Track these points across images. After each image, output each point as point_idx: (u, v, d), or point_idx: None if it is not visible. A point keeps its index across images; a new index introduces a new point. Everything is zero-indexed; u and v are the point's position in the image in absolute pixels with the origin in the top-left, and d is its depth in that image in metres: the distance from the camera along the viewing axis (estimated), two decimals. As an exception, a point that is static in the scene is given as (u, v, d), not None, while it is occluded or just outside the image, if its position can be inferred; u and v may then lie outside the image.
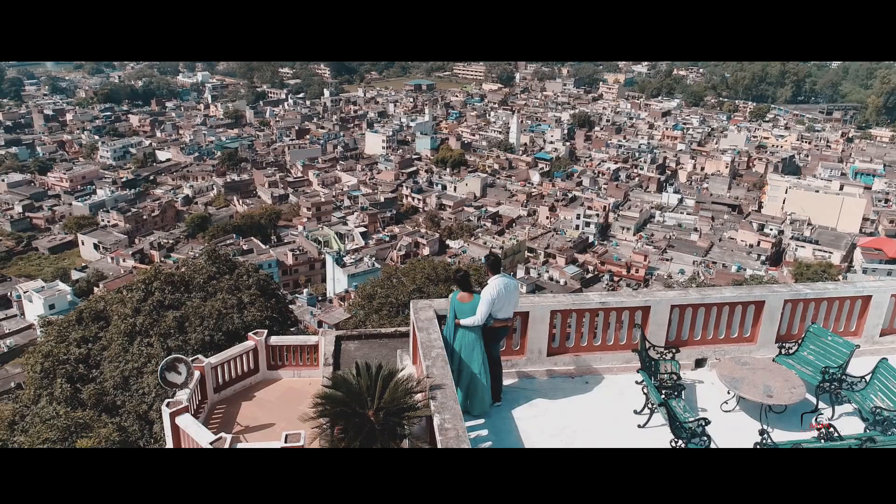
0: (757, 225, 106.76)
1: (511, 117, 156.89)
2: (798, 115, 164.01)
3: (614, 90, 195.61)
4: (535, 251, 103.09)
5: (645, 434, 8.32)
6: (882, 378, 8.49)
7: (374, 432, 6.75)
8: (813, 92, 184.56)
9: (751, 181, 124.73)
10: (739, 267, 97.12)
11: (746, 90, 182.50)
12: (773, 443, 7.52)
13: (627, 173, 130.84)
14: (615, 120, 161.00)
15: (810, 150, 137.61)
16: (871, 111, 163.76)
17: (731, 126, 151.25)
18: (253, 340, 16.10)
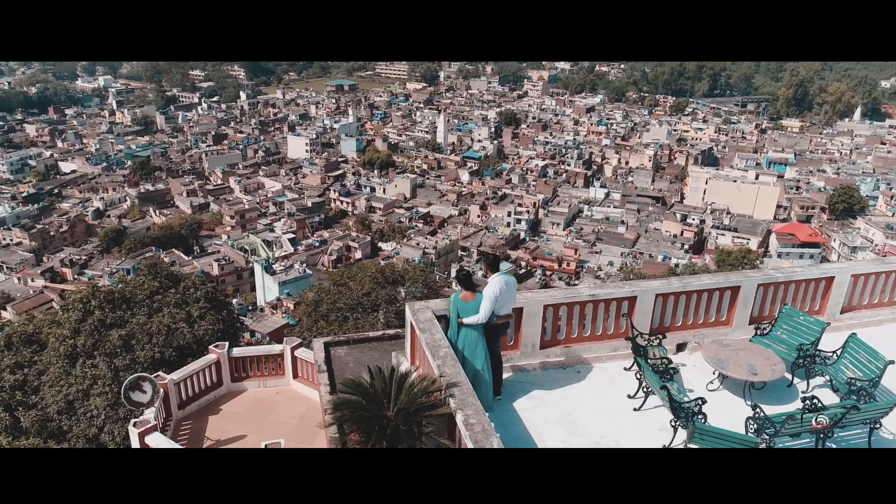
0: (680, 215, 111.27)
1: (437, 117, 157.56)
2: (715, 108, 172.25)
3: (539, 87, 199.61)
4: (468, 250, 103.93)
5: (641, 417, 8.51)
6: (852, 351, 8.99)
7: (398, 433, 6.62)
8: (728, 86, 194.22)
9: (673, 173, 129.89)
10: (665, 256, 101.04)
11: (666, 85, 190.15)
12: (765, 415, 7.85)
13: (555, 170, 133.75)
14: (541, 117, 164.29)
15: (727, 141, 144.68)
16: (782, 103, 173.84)
17: (652, 120, 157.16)
18: (215, 353, 15.52)
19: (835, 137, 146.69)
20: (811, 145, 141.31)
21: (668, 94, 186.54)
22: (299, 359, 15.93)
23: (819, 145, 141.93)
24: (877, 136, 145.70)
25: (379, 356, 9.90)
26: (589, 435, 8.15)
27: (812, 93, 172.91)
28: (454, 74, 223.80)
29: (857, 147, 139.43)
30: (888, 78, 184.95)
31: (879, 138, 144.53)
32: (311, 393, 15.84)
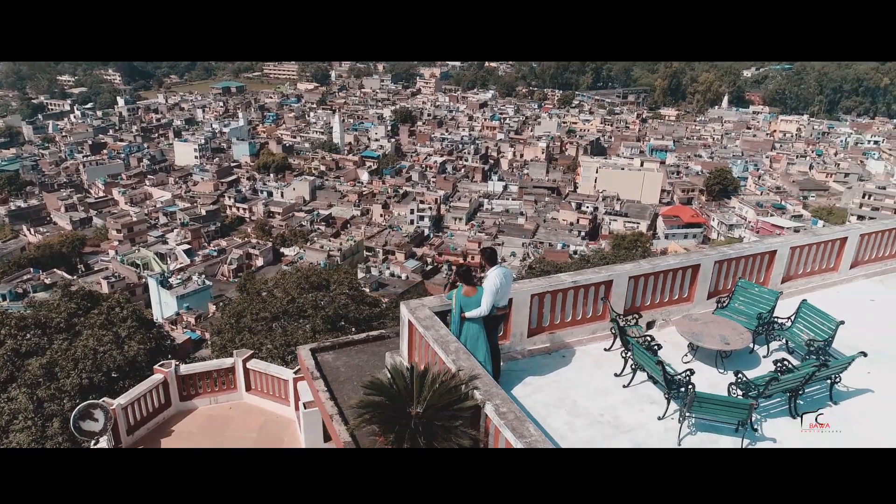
0: (575, 204, 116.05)
1: (332, 117, 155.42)
2: (599, 100, 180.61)
3: (431, 84, 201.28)
4: (373, 250, 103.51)
5: (631, 393, 9.01)
6: (805, 316, 9.95)
7: (429, 429, 6.66)
8: (609, 78, 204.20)
9: (565, 164, 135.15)
10: (564, 244, 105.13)
11: (553, 79, 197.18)
12: (747, 379, 8.58)
13: (453, 165, 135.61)
14: (436, 114, 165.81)
15: (613, 131, 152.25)
16: (659, 94, 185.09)
17: (543, 113, 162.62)
18: (162, 373, 14.76)
19: (707, 124, 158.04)
20: (687, 132, 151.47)
21: (555, 87, 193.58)
22: (252, 371, 15.45)
23: (694, 132, 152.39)
24: (743, 122, 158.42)
25: (367, 358, 9.84)
26: (589, 414, 8.54)
27: (685, 83, 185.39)
28: (346, 73, 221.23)
29: (727, 132, 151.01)
30: (749, 68, 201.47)
31: (745, 123, 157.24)
32: (266, 405, 15.41)
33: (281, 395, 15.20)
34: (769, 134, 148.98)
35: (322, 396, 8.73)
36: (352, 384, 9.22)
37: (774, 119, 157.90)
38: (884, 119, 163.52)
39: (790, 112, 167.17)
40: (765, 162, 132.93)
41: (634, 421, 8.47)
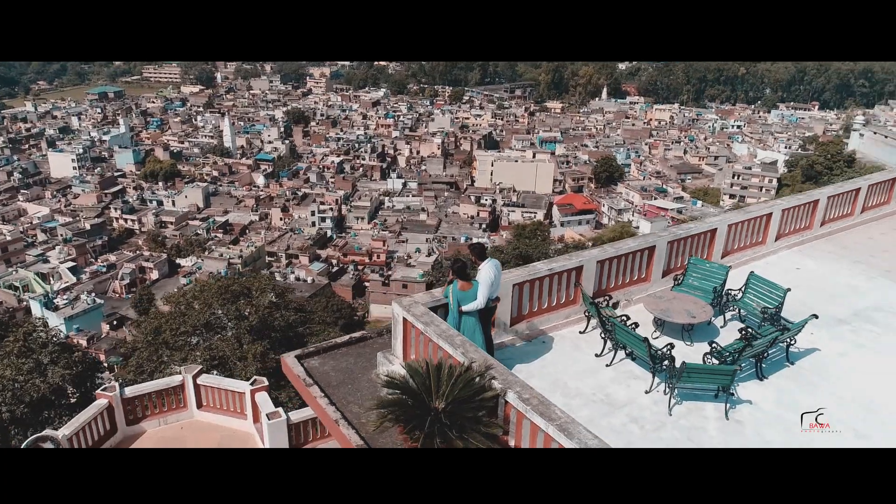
0: (474, 197, 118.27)
1: (221, 120, 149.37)
2: (488, 95, 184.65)
3: (322, 84, 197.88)
4: (276, 254, 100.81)
5: (614, 371, 9.56)
6: (754, 286, 10.93)
7: (453, 422, 6.79)
8: (496, 73, 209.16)
9: (461, 159, 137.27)
10: (467, 237, 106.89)
11: (442, 76, 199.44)
12: (722, 348, 9.35)
13: (351, 164, 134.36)
14: (329, 113, 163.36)
15: (504, 125, 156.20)
16: (543, 87, 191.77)
17: (435, 110, 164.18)
18: (105, 397, 13.91)
19: (590, 115, 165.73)
20: (573, 123, 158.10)
21: (445, 84, 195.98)
22: (203, 386, 14.85)
23: (579, 123, 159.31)
24: (622, 112, 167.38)
25: (355, 360, 9.77)
26: (583, 394, 9.00)
27: (566, 77, 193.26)
28: (232, 75, 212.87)
29: (609, 122, 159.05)
30: (622, 61, 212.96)
31: (624, 113, 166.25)
32: (221, 421, 14.86)
33: (236, 409, 14.72)
34: (646, 122, 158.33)
35: (321, 403, 8.62)
36: (346, 388, 9.16)
37: (650, 108, 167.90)
38: (743, 105, 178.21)
39: (663, 102, 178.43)
40: (644, 149, 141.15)
41: (625, 396, 9.01)
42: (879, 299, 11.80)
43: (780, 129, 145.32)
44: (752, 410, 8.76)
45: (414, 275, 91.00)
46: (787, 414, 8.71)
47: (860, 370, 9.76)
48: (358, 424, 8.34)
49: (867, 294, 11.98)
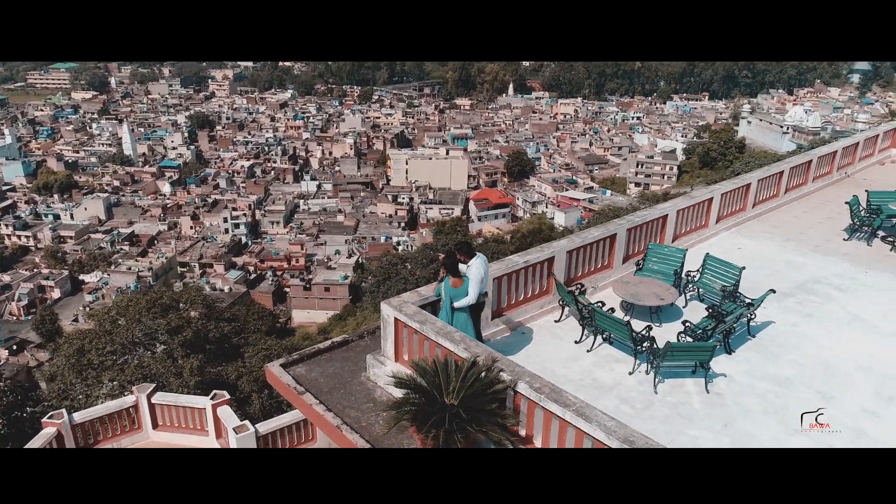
0: (391, 196, 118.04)
1: (119, 127, 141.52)
2: (397, 94, 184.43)
3: (225, 87, 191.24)
4: (188, 264, 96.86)
5: (595, 356, 9.93)
6: (710, 267, 11.62)
7: (475, 416, 6.87)
8: (404, 72, 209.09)
9: (374, 158, 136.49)
10: (387, 237, 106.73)
11: (350, 75, 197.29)
12: (695, 325, 9.91)
13: (262, 168, 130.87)
14: (235, 117, 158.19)
15: (415, 123, 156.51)
16: (451, 85, 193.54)
17: (345, 110, 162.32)
18: (53, 425, 13.06)
19: (498, 111, 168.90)
20: (482, 119, 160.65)
21: (353, 84, 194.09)
22: (159, 405, 14.18)
23: (488, 119, 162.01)
24: (529, 107, 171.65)
25: (341, 365, 9.62)
26: (571, 381, 9.29)
27: (473, 74, 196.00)
28: (127, 79, 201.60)
29: (517, 117, 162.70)
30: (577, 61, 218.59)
31: (531, 108, 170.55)
32: (179, 439, 14.24)
33: (196, 426, 14.15)
34: (552, 117, 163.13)
35: (319, 410, 8.48)
36: (339, 393, 9.04)
37: (555, 103, 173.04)
38: (641, 97, 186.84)
39: (566, 96, 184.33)
40: (552, 142, 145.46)
41: (611, 379, 9.39)
42: (815, 272, 12.83)
43: (675, 119, 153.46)
44: (728, 382, 9.35)
45: (336, 277, 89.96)
46: (758, 383, 9.37)
47: (812, 338, 10.60)
48: (359, 428, 8.27)
49: (803, 268, 13.00)
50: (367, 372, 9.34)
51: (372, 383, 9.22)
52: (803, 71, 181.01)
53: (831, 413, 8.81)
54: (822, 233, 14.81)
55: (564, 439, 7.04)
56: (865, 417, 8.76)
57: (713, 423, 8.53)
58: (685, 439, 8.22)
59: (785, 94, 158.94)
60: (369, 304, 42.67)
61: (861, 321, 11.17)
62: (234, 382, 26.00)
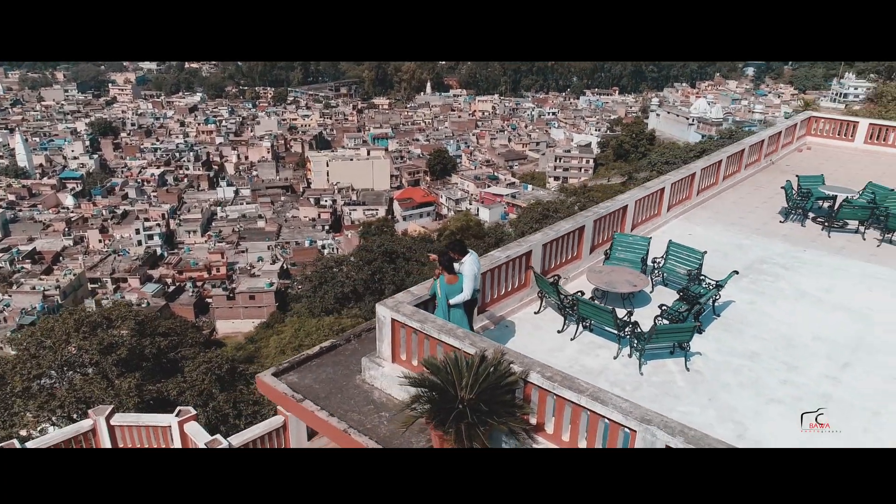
0: (313, 199, 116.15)
1: (11, 137, 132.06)
2: (313, 94, 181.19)
3: (128, 91, 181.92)
4: (99, 280, 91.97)
5: (579, 343, 10.28)
6: (674, 252, 12.24)
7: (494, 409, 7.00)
8: (319, 72, 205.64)
9: (293, 161, 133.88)
10: (311, 241, 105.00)
11: (262, 76, 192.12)
12: (671, 307, 10.44)
13: (174, 175, 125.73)
14: (141, 122, 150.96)
15: (333, 124, 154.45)
16: (369, 84, 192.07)
17: (259, 113, 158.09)
18: (10, 452, 12.13)
19: (417, 110, 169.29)
20: (402, 118, 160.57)
21: (265, 85, 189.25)
22: (120, 427, 13.48)
23: (408, 118, 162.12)
24: (447, 105, 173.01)
25: (333, 370, 9.49)
26: (561, 368, 9.54)
27: (390, 73, 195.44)
28: (17, 85, 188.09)
29: (436, 116, 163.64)
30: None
31: (450, 106, 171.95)
32: (143, 461, 13.58)
33: (160, 445, 13.56)
34: (471, 114, 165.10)
35: (321, 416, 8.39)
36: (336, 397, 8.96)
37: (473, 100, 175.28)
38: (555, 93, 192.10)
39: (483, 93, 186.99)
40: (472, 139, 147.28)
41: (598, 365, 9.77)
42: (761, 253, 13.76)
43: (589, 113, 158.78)
44: (704, 360, 9.92)
45: (261, 284, 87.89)
46: (730, 359, 10.00)
47: (769, 314, 11.39)
48: (366, 430, 8.25)
49: (750, 250, 13.91)
50: (363, 374, 9.31)
51: (368, 385, 9.20)
52: (704, 65, 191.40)
53: (798, 381, 9.55)
54: (760, 216, 15.88)
55: (578, 424, 7.31)
56: (828, 382, 9.53)
57: (698, 399, 9.05)
58: (676, 415, 8.60)
59: (688, 88, 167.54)
60: (305, 309, 41.88)
61: (808, 296, 12.10)
62: (176, 399, 25.08)
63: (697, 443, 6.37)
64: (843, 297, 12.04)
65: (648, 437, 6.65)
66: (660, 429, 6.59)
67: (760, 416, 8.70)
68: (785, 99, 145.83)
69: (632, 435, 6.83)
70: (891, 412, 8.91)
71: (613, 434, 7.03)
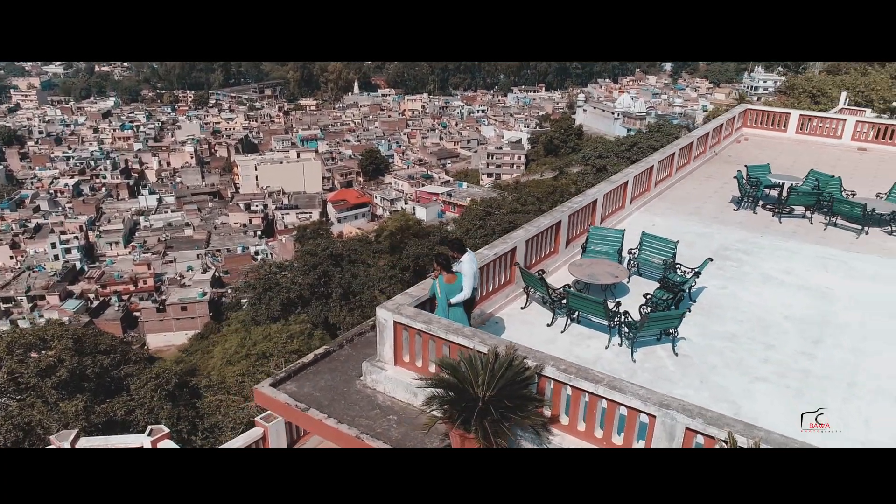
0: (243, 205, 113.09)
1: None
2: (236, 96, 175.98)
3: (32, 97, 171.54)
4: (13, 299, 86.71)
5: (569, 336, 10.48)
6: (647, 243, 12.64)
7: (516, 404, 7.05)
8: (241, 73, 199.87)
9: (219, 166, 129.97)
10: (243, 247, 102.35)
11: (180, 79, 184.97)
12: (654, 296, 10.79)
13: (90, 185, 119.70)
14: (50, 130, 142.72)
15: (259, 127, 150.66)
16: (294, 85, 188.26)
17: (180, 117, 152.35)
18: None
19: (346, 110, 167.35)
20: (331, 119, 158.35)
21: (184, 88, 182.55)
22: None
23: (337, 119, 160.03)
24: (377, 105, 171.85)
25: (332, 376, 9.26)
26: (558, 361, 9.76)
27: (316, 73, 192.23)
28: None
29: (366, 116, 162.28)
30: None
31: (379, 105, 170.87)
32: (113, 485, 12.93)
33: (132, 467, 12.92)
34: (401, 113, 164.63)
35: (330, 423, 8.22)
36: (340, 404, 8.78)
37: (402, 99, 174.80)
38: (483, 91, 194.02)
39: (412, 92, 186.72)
40: (404, 139, 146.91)
41: (591, 355, 9.99)
42: (722, 241, 14.40)
43: (517, 110, 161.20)
44: (689, 344, 10.31)
45: (193, 295, 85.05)
46: (712, 342, 10.45)
47: (740, 297, 11.95)
48: (377, 435, 8.14)
49: (712, 237, 14.53)
50: (364, 379, 9.17)
51: (371, 390, 9.08)
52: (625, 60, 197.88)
53: (777, 359, 10.07)
54: (715, 205, 16.62)
55: (594, 413, 7.47)
56: (804, 359, 10.10)
57: (691, 381, 9.41)
58: (674, 399, 8.99)
59: (611, 83, 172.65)
60: (248, 317, 40.71)
61: (771, 278, 12.77)
62: (124, 419, 24.02)
63: (716, 423, 6.64)
64: (803, 278, 12.78)
65: (668, 422, 6.87)
66: (679, 412, 6.82)
67: (750, 395, 9.13)
68: (701, 93, 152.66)
69: (650, 420, 7.04)
70: (863, 382, 9.53)
71: (631, 421, 7.23)
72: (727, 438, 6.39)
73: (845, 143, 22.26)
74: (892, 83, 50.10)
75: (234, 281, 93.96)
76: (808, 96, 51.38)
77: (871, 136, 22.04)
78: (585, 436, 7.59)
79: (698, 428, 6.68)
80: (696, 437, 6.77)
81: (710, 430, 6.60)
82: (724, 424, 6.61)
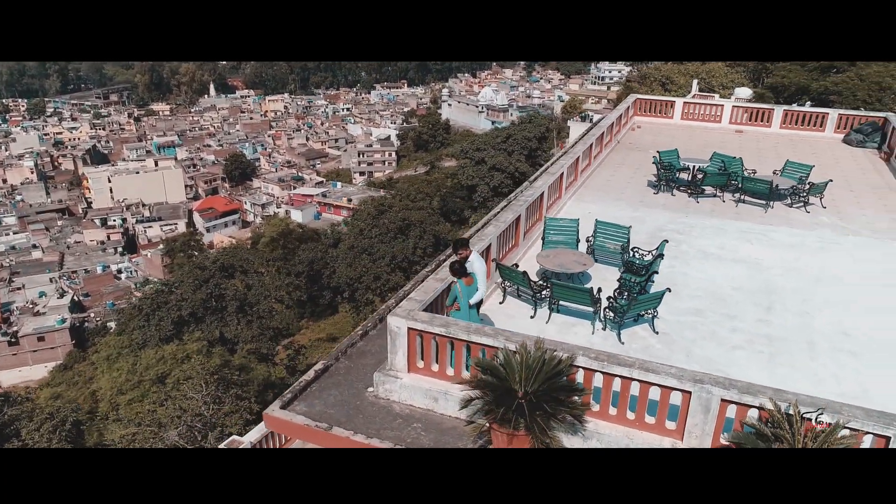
0: (98, 220, 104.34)
1: None
2: (78, 104, 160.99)
3: None
4: None
5: (555, 325, 10.80)
6: (602, 230, 13.24)
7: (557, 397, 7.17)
8: (80, 79, 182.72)
9: (66, 180, 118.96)
10: (104, 266, 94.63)
11: (9, 87, 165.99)
12: (628, 280, 11.34)
13: None
14: None
15: (108, 135, 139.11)
16: (143, 89, 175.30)
17: (13, 128, 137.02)
18: None
19: (204, 113, 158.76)
20: (188, 124, 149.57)
21: (15, 96, 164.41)
22: None
23: (194, 123, 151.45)
24: (236, 107, 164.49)
25: (339, 391, 8.80)
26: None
27: (166, 75, 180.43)
28: None
29: (225, 119, 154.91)
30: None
31: (238, 107, 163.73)
32: None
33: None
34: (263, 115, 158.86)
35: (359, 439, 7.92)
36: (359, 418, 8.45)
37: (263, 100, 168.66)
38: (346, 89, 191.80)
39: (272, 92, 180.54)
40: (268, 140, 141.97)
41: (581, 342, 10.20)
42: (655, 223, 15.40)
43: (382, 107, 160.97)
44: (664, 322, 10.97)
45: (50, 323, 77.37)
46: (683, 318, 11.20)
47: (689, 274, 12.88)
48: (409, 445, 7.96)
49: (646, 220, 15.48)
50: (376, 390, 8.91)
51: (385, 400, 8.84)
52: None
53: (743, 328, 10.97)
54: (635, 190, 17.70)
55: (626, 397, 7.78)
56: (764, 325, 11.10)
57: (679, 357, 10.03)
58: (669, 375, 9.56)
59: (471, 78, 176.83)
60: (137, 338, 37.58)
61: (709, 254, 13.86)
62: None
63: (749, 391, 7.18)
64: (734, 251, 13.99)
65: (704, 395, 7.32)
66: (713, 385, 7.29)
67: (734, 363, 9.89)
68: (555, 84, 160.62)
69: (684, 396, 7.47)
70: (818, 342, 10.64)
71: (664, 400, 7.62)
72: (767, 406, 6.88)
73: (724, 126, 24.51)
74: (728, 70, 55.74)
75: (96, 304, 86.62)
76: (659, 84, 55.87)
77: (746, 119, 24.41)
78: (618, 419, 7.90)
79: (734, 398, 7.18)
80: (729, 406, 7.26)
81: (745, 398, 7.11)
82: (756, 392, 7.15)
